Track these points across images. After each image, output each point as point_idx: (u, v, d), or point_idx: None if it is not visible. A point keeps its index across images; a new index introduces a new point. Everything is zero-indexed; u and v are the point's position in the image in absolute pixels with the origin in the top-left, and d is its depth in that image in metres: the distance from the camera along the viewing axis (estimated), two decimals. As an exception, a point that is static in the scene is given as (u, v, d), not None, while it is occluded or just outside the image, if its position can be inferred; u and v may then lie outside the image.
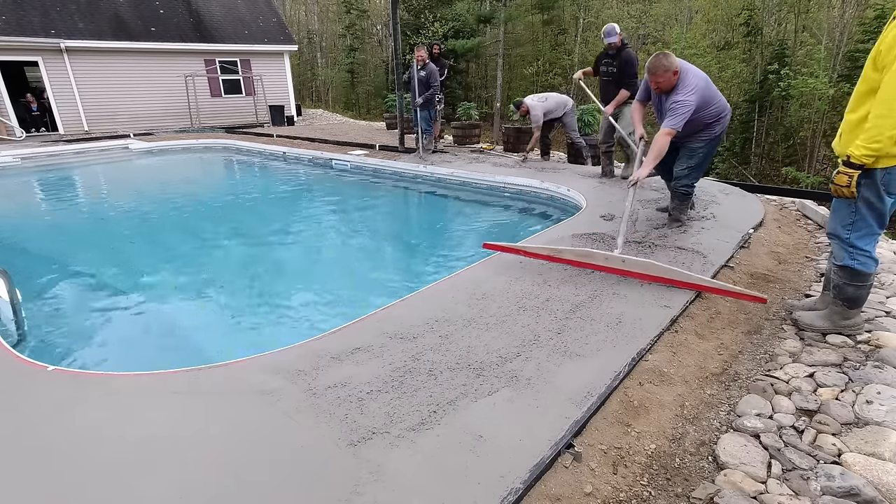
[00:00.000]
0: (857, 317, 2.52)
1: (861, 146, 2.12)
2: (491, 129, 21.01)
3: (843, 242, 2.40)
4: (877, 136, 2.07)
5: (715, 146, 3.92)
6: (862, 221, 2.33)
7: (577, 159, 7.71)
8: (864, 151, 2.11)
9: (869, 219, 2.31)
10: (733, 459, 1.73)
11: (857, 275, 2.39)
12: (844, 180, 2.21)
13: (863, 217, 2.32)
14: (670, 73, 3.49)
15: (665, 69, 3.48)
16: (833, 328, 2.55)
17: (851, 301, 2.47)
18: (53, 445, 1.80)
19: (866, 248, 2.35)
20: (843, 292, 2.46)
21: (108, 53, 14.34)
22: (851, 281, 2.41)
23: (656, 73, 3.51)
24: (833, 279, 2.52)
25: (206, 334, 3.38)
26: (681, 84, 3.52)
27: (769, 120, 17.16)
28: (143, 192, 7.92)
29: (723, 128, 3.83)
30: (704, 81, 3.59)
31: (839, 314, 2.53)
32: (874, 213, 2.30)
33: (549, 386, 2.08)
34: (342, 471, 1.65)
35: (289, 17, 34.03)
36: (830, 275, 2.58)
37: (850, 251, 2.38)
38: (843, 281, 2.44)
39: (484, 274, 3.32)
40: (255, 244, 5.27)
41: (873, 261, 2.37)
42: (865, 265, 2.36)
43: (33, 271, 4.40)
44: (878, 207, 2.28)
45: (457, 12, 22.89)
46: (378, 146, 9.53)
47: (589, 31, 24.49)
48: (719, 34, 19.91)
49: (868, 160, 2.13)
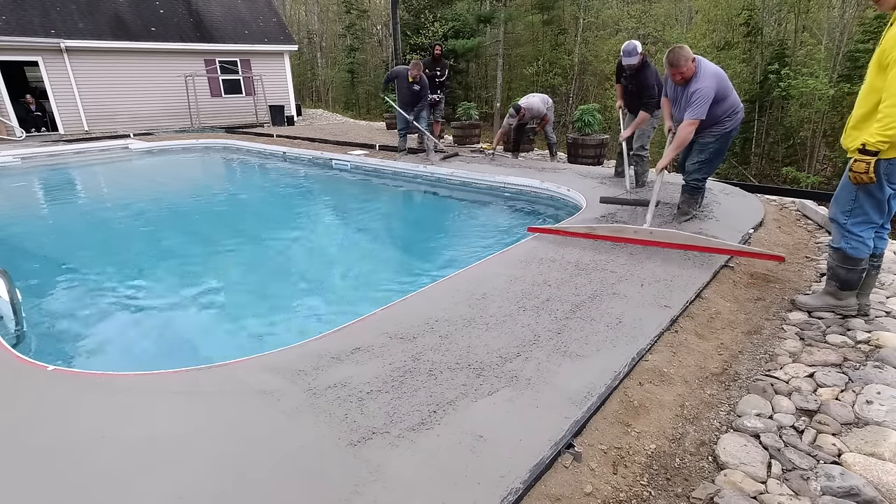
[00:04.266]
0: (848, 298, 2.68)
1: (876, 134, 2.26)
2: (491, 129, 21.02)
3: (841, 227, 2.58)
4: (890, 124, 2.22)
5: (726, 143, 3.99)
6: (860, 209, 2.50)
7: (577, 159, 7.73)
8: (878, 138, 2.26)
9: (866, 207, 2.48)
10: (733, 459, 1.73)
11: (849, 258, 2.56)
12: (863, 167, 2.33)
13: (861, 205, 2.49)
14: (690, 62, 3.66)
15: (685, 59, 3.65)
16: (825, 306, 2.72)
17: (843, 283, 2.65)
18: (53, 445, 1.80)
19: (861, 235, 2.52)
20: (836, 274, 2.66)
21: (108, 53, 14.33)
22: (843, 263, 2.60)
23: (678, 64, 3.66)
24: (828, 261, 2.72)
25: (207, 334, 3.38)
26: (699, 73, 3.68)
27: (769, 120, 17.17)
28: (143, 191, 7.92)
29: (734, 124, 3.90)
30: (719, 73, 3.75)
31: (832, 294, 2.72)
32: (873, 201, 2.46)
33: (549, 386, 2.08)
34: (342, 471, 1.65)
35: (289, 17, 34.03)
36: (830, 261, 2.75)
37: (846, 235, 2.55)
38: (835, 263, 2.64)
39: (484, 274, 3.32)
40: (256, 244, 5.27)
41: (866, 247, 2.53)
42: (857, 250, 2.53)
43: (33, 271, 4.40)
44: (878, 196, 2.43)
45: (457, 12, 22.91)
46: (378, 146, 9.53)
47: (589, 31, 24.49)
48: (719, 34, 19.91)
49: (883, 146, 2.27)
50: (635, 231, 3.63)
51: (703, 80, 3.64)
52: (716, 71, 3.72)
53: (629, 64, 4.98)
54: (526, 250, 3.74)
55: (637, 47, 4.95)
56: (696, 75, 3.69)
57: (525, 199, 6.22)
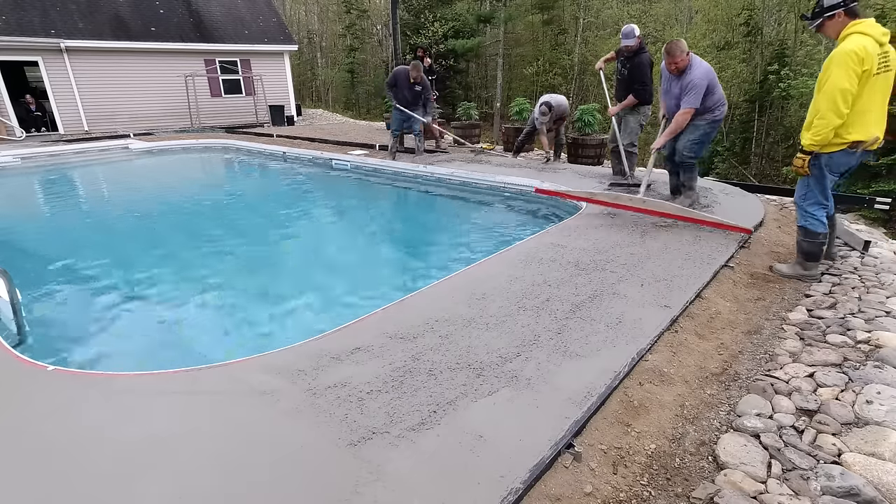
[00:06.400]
0: (814, 269, 3.31)
1: (809, 138, 2.99)
2: (491, 129, 21.01)
3: (800, 209, 3.25)
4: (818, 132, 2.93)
5: (715, 128, 4.43)
6: (811, 193, 3.17)
7: (577, 159, 7.73)
8: (810, 142, 3.00)
9: (816, 191, 3.15)
10: (733, 459, 1.73)
11: (809, 233, 3.22)
12: (800, 163, 3.10)
13: (811, 190, 3.16)
14: (685, 54, 4.17)
15: (682, 50, 4.15)
16: (794, 274, 3.33)
17: (807, 255, 3.28)
18: (53, 445, 1.80)
19: (815, 213, 3.18)
20: (801, 247, 3.31)
21: (108, 53, 14.33)
22: (805, 237, 3.25)
23: (675, 53, 4.15)
24: (796, 237, 3.36)
25: (207, 334, 3.37)
26: (692, 65, 4.17)
27: (769, 120, 17.17)
28: (144, 191, 7.92)
29: (722, 114, 4.37)
30: (709, 67, 4.25)
31: (800, 265, 3.34)
32: (820, 186, 3.13)
33: (549, 386, 2.08)
34: (342, 471, 1.65)
35: (289, 17, 34.02)
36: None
37: (804, 214, 3.22)
38: (800, 238, 3.29)
39: (484, 274, 3.32)
40: (255, 244, 5.26)
41: (821, 223, 3.19)
42: (814, 226, 3.19)
43: (33, 271, 4.40)
44: (823, 183, 3.12)
45: (457, 12, 22.91)
46: (378, 146, 9.53)
47: (589, 31, 24.49)
48: (719, 34, 19.91)
49: (814, 148, 3.01)
50: (630, 199, 4.16)
51: (696, 72, 4.12)
52: (706, 66, 4.22)
53: (626, 45, 5.24)
54: (526, 250, 3.74)
55: (635, 30, 5.20)
56: (689, 67, 4.16)
57: (525, 199, 6.21)
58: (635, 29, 5.18)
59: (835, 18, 2.93)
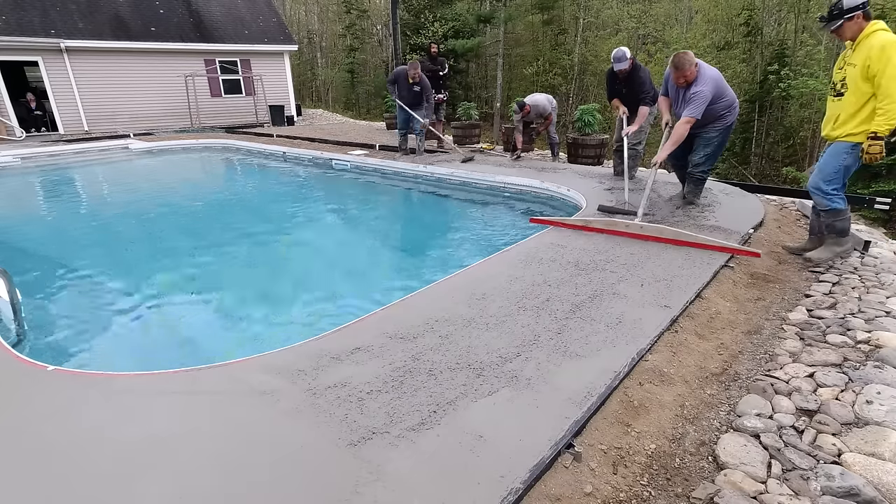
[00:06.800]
0: (847, 244, 3.48)
1: (883, 124, 2.98)
2: (491, 129, 21.01)
3: (825, 194, 3.35)
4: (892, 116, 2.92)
5: (727, 135, 4.39)
6: (838, 178, 3.31)
7: (577, 159, 7.73)
8: (886, 126, 2.98)
9: (843, 177, 3.31)
10: (733, 459, 1.73)
11: (838, 211, 3.37)
12: (878, 149, 3.04)
13: (841, 176, 3.31)
14: (693, 67, 4.07)
15: (690, 63, 4.06)
16: (833, 255, 3.46)
17: (839, 231, 3.43)
18: (53, 445, 1.80)
19: (840, 194, 3.35)
20: (833, 227, 3.44)
21: (108, 53, 14.33)
22: (836, 218, 3.39)
23: (683, 67, 4.06)
24: (823, 221, 3.50)
25: (207, 334, 3.37)
26: (699, 77, 4.08)
27: (769, 120, 17.17)
28: (144, 191, 7.92)
29: (733, 118, 4.32)
30: (717, 75, 4.15)
31: (835, 243, 3.47)
32: (848, 173, 3.30)
33: (549, 386, 2.08)
34: (342, 471, 1.65)
35: (289, 17, 34.02)
36: (815, 223, 3.66)
37: (830, 197, 3.33)
38: (831, 219, 3.41)
39: (484, 274, 3.32)
40: (255, 244, 5.26)
41: (844, 200, 3.36)
42: (840, 204, 3.35)
43: (33, 271, 4.40)
44: (851, 169, 3.28)
45: (457, 12, 22.90)
46: (378, 146, 9.53)
47: (589, 31, 24.49)
48: (719, 34, 19.91)
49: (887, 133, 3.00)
50: (626, 226, 3.97)
51: (703, 84, 4.02)
52: (714, 74, 4.11)
53: (621, 69, 5.22)
54: (526, 250, 3.74)
55: (626, 53, 5.22)
56: (696, 79, 4.06)
57: (525, 199, 6.22)
58: (626, 52, 5.21)
59: (854, 20, 3.02)
